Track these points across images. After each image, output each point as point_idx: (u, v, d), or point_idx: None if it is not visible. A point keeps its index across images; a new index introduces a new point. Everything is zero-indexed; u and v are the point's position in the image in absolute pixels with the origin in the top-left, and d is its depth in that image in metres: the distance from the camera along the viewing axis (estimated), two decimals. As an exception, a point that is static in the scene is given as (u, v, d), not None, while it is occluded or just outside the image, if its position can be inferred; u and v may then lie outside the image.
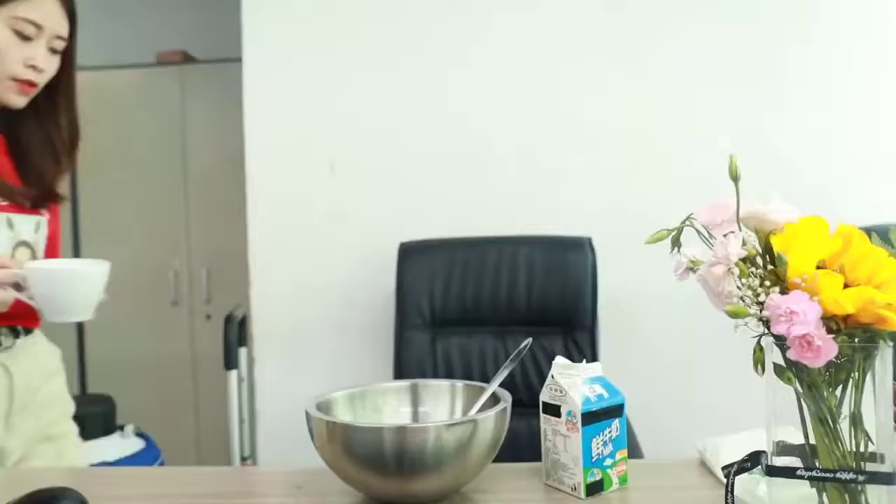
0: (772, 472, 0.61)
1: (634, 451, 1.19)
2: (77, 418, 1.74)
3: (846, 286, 0.57)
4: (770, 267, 0.60)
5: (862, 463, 0.58)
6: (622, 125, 1.77)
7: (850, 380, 0.58)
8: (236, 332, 1.58)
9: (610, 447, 0.79)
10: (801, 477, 0.59)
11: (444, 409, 0.89)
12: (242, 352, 1.65)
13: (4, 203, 1.07)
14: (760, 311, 0.58)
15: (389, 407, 0.90)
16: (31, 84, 1.06)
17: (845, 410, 0.58)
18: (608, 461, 0.79)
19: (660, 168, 1.76)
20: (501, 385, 0.85)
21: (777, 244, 0.60)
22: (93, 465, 1.59)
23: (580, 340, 1.57)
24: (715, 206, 0.63)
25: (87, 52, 3.35)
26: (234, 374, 1.56)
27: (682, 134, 1.76)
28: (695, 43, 1.76)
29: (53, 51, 1.07)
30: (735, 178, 0.62)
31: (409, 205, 1.79)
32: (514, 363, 0.88)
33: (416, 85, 1.80)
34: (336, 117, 1.81)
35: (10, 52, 1.02)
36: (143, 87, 2.75)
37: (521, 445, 1.34)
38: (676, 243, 0.64)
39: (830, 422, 0.58)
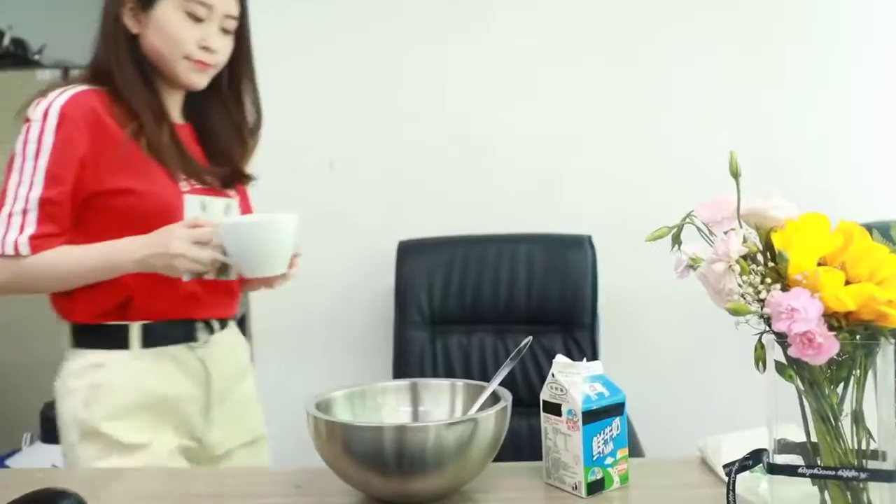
0: (773, 469, 0.61)
1: (635, 450, 1.19)
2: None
3: (847, 283, 0.57)
4: (771, 264, 0.60)
5: (864, 460, 0.58)
6: (622, 124, 1.77)
7: (852, 377, 0.58)
8: (235, 332, 1.57)
9: (611, 446, 0.79)
10: (803, 475, 0.59)
11: (444, 408, 0.89)
12: (241, 351, 1.64)
13: (197, 186, 1.10)
14: (761, 308, 0.58)
15: (389, 406, 0.90)
16: (206, 64, 1.08)
17: (847, 408, 0.58)
18: (609, 460, 0.79)
19: (660, 167, 1.76)
20: (501, 384, 0.85)
21: (778, 241, 0.60)
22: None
23: (580, 339, 1.57)
24: (715, 203, 0.62)
25: (81, 49, 3.33)
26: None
27: (683, 133, 1.76)
28: (695, 43, 1.76)
29: (225, 31, 1.10)
30: (735, 174, 0.62)
31: (409, 203, 1.79)
32: (514, 362, 0.88)
33: (416, 83, 1.80)
34: (335, 115, 1.80)
35: (184, 34, 1.05)
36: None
37: (522, 444, 1.34)
38: (677, 241, 0.64)
39: (832, 419, 0.58)
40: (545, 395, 0.81)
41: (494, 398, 0.83)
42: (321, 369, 1.79)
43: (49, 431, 1.75)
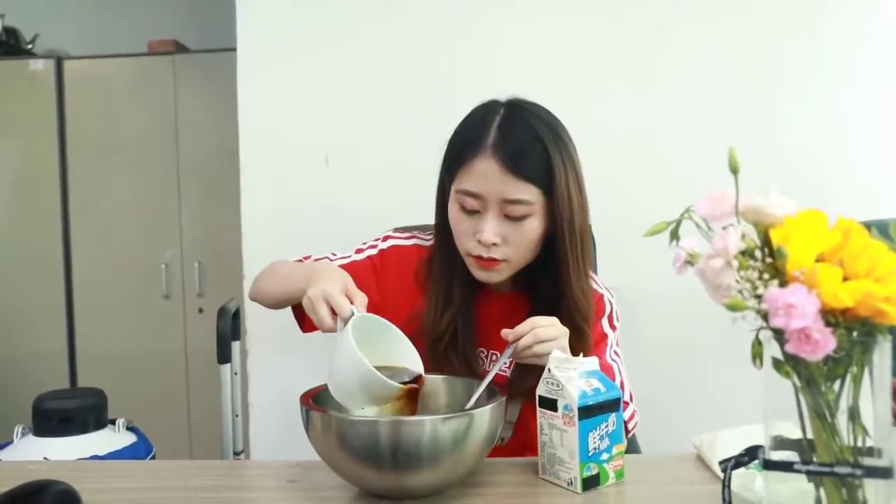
0: (769, 466, 0.61)
1: (631, 446, 1.18)
2: (68, 412, 1.74)
3: (845, 279, 0.57)
4: (769, 260, 0.60)
5: (859, 457, 0.58)
6: (622, 119, 1.77)
7: (848, 374, 0.58)
8: (230, 325, 1.56)
9: (606, 441, 0.79)
10: (799, 471, 0.58)
11: (439, 402, 0.89)
12: (235, 345, 1.63)
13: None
14: (759, 304, 0.58)
15: (384, 400, 0.89)
16: (486, 261, 0.93)
17: (843, 405, 0.58)
18: (604, 455, 0.79)
19: (660, 161, 1.75)
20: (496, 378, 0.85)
21: (776, 237, 0.59)
22: (84, 459, 1.58)
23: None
24: (714, 197, 0.62)
25: (78, 41, 3.30)
26: (227, 367, 1.55)
27: (682, 128, 1.76)
28: (694, 40, 1.76)
29: (512, 218, 0.92)
30: (735, 170, 0.61)
31: (405, 198, 1.77)
32: (507, 357, 0.87)
33: (414, 77, 1.79)
34: (331, 109, 1.79)
35: (461, 228, 0.95)
36: (134, 76, 2.72)
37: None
38: (675, 236, 0.64)
39: (828, 416, 0.58)
40: (541, 390, 0.81)
41: (490, 393, 0.83)
42: (316, 364, 1.78)
43: (41, 424, 1.74)
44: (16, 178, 2.69)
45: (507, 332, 0.87)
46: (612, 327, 1.08)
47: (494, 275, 0.96)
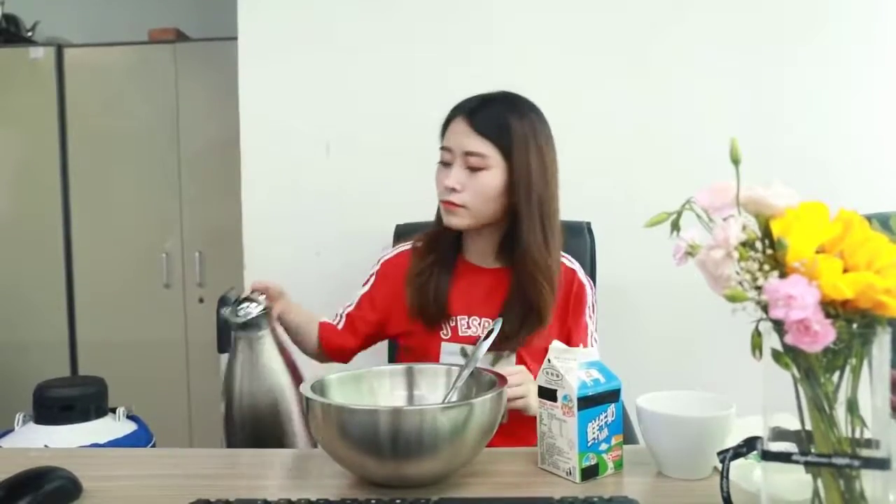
0: (767, 456, 0.61)
1: (630, 437, 1.19)
2: (69, 400, 1.74)
3: (845, 271, 0.57)
4: (769, 251, 0.60)
5: (857, 449, 0.58)
6: (623, 111, 1.76)
7: (848, 365, 0.58)
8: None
9: (605, 432, 0.79)
10: (797, 462, 0.59)
11: (439, 392, 0.89)
12: (236, 334, 1.63)
13: (466, 334, 1.13)
14: (759, 295, 0.58)
15: (384, 390, 0.90)
16: (449, 204, 1.10)
17: (842, 396, 0.58)
18: (603, 446, 0.79)
19: (660, 154, 1.75)
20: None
21: (777, 228, 0.59)
22: (84, 447, 1.59)
23: (576, 326, 1.56)
24: (715, 189, 0.62)
25: (79, 29, 3.28)
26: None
27: (683, 120, 1.75)
28: (696, 31, 1.75)
29: (472, 169, 1.08)
30: (736, 160, 0.61)
31: (406, 187, 1.78)
32: (487, 341, 0.88)
33: (416, 67, 1.78)
34: (333, 98, 1.79)
35: (438, 179, 1.13)
36: (135, 65, 2.71)
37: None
38: (676, 227, 0.64)
39: (826, 408, 0.58)
40: (541, 380, 0.81)
41: (490, 383, 0.83)
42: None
43: (42, 412, 1.75)
44: (16, 167, 2.69)
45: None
46: (591, 318, 1.22)
47: (455, 219, 1.10)
